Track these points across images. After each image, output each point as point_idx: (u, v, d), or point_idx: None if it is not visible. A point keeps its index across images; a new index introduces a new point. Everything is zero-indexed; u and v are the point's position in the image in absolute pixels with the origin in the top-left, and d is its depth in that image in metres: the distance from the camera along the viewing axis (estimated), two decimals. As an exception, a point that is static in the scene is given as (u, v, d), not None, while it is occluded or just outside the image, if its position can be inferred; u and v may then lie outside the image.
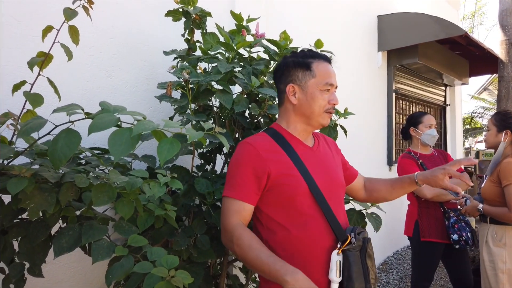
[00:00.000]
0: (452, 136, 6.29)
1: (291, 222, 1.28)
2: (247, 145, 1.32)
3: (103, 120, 0.83)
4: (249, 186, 1.27)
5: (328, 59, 1.40)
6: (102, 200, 1.00)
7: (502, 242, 2.26)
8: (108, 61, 1.95)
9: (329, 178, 1.38)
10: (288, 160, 1.31)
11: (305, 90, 1.34)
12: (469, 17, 21.49)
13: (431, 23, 4.16)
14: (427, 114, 2.84)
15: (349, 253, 1.24)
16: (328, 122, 1.37)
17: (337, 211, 1.34)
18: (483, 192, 2.39)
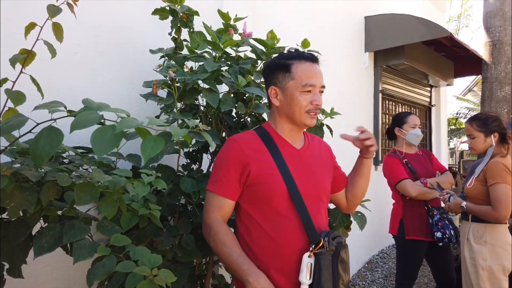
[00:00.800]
0: (437, 136, 6.38)
1: (267, 221, 1.30)
2: (233, 141, 1.35)
3: (86, 118, 0.82)
4: (231, 182, 1.31)
5: (313, 58, 1.38)
6: (85, 199, 0.99)
7: (483, 240, 2.30)
8: (93, 60, 1.93)
9: (312, 181, 1.39)
10: (271, 159, 1.33)
11: (285, 92, 1.35)
12: (455, 19, 21.80)
13: (417, 25, 4.21)
14: (411, 115, 2.88)
15: (321, 256, 1.25)
16: (312, 123, 1.36)
17: (315, 214, 1.34)
18: (467, 191, 2.43)
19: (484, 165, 2.36)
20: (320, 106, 1.36)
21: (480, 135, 2.39)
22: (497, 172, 2.25)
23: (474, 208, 2.33)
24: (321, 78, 1.36)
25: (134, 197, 1.30)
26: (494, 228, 2.30)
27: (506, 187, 2.22)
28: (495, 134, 2.35)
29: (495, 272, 2.25)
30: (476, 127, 2.40)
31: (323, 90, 1.38)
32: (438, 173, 2.82)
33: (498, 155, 2.34)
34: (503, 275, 2.26)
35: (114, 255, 1.04)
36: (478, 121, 2.41)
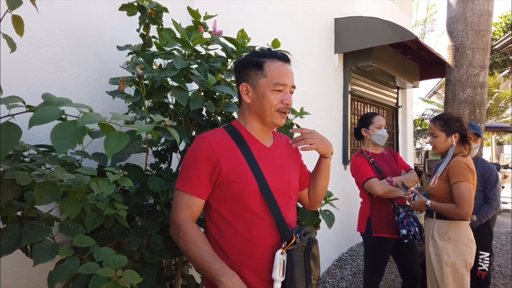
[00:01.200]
0: (404, 136, 6.57)
1: (238, 219, 1.30)
2: (202, 139, 1.33)
3: (45, 113, 0.78)
4: (201, 180, 1.29)
5: (285, 58, 1.39)
6: (46, 198, 0.95)
7: (447, 236, 2.38)
8: (57, 55, 1.86)
9: (283, 179, 1.39)
10: (242, 157, 1.32)
11: (256, 89, 1.35)
12: (421, 24, 22.56)
13: (385, 28, 4.32)
14: (377, 115, 2.95)
15: (293, 253, 1.25)
16: (282, 122, 1.37)
17: (286, 211, 1.35)
18: (431, 189, 2.51)
19: (446, 164, 2.44)
20: (290, 106, 1.36)
21: (442, 134, 2.48)
22: (459, 170, 2.34)
23: (438, 206, 2.41)
24: (292, 78, 1.38)
25: (99, 196, 1.27)
26: (457, 225, 2.38)
27: (468, 185, 2.31)
28: (455, 135, 2.45)
29: (458, 267, 2.33)
30: (438, 127, 2.49)
31: (293, 90, 1.39)
32: (404, 171, 2.91)
33: (459, 154, 2.43)
34: (465, 270, 2.35)
35: (77, 257, 1.01)
36: (441, 121, 2.50)
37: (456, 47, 4.24)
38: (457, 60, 4.23)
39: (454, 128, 2.45)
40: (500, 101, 16.05)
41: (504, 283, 3.98)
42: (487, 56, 4.20)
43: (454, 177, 2.35)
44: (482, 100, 4.16)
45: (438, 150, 2.53)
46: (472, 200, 2.31)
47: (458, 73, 4.20)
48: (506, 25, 21.73)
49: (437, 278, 2.38)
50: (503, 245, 5.49)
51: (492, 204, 2.99)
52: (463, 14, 4.18)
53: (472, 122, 3.33)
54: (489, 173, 3.07)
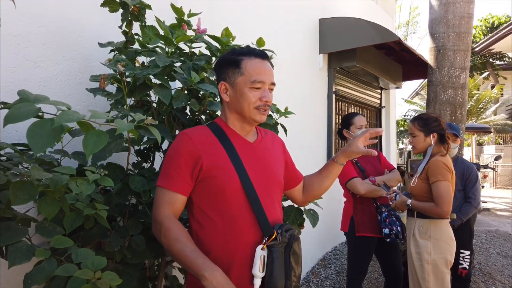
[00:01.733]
0: (387, 137, 6.65)
1: (219, 215, 1.29)
2: (184, 135, 1.33)
3: (20, 111, 0.75)
4: (182, 176, 1.28)
5: (263, 55, 1.38)
6: (22, 198, 0.92)
7: (427, 235, 2.42)
8: (36, 52, 1.81)
9: (266, 174, 1.39)
10: (224, 152, 1.32)
11: (234, 87, 1.34)
12: (404, 26, 22.89)
13: (368, 29, 4.36)
14: (357, 116, 2.96)
15: (274, 248, 1.25)
16: (262, 119, 1.36)
17: (269, 207, 1.34)
18: (412, 189, 2.55)
19: (425, 163, 2.49)
20: (269, 103, 1.36)
21: (420, 134, 2.52)
22: (438, 170, 2.38)
23: (419, 205, 2.45)
24: (271, 75, 1.37)
25: (79, 196, 1.24)
26: (437, 223, 2.42)
27: (446, 184, 2.36)
28: (434, 134, 2.50)
29: (439, 265, 2.37)
30: (417, 127, 2.54)
31: (273, 87, 1.38)
32: (387, 171, 2.93)
33: (438, 154, 2.48)
34: (446, 268, 2.39)
35: (54, 258, 0.98)
36: (420, 121, 2.55)
37: (438, 49, 4.31)
38: (438, 62, 4.30)
39: (432, 128, 2.50)
40: (480, 102, 16.40)
41: (484, 280, 4.07)
42: (467, 58, 4.28)
43: (433, 176, 2.39)
44: (463, 101, 4.24)
45: (417, 149, 2.58)
46: (451, 199, 2.35)
47: (440, 74, 4.26)
48: (486, 28, 22.24)
49: (418, 276, 2.42)
50: (483, 243, 5.61)
51: (472, 203, 3.05)
52: (444, 16, 4.25)
53: (451, 123, 3.39)
54: (468, 172, 3.13)
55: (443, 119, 2.56)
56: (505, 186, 15.03)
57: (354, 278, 2.86)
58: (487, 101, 16.56)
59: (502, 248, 5.38)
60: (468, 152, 15.97)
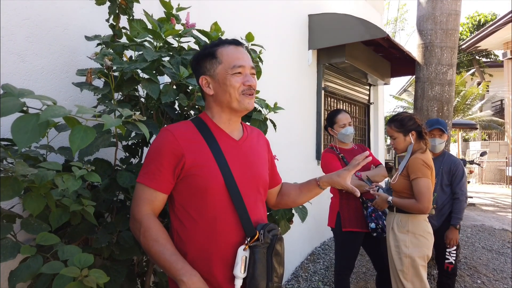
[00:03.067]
0: (375, 133, 6.70)
1: (201, 214, 1.26)
2: (167, 131, 1.29)
3: (5, 105, 0.73)
4: (163, 174, 1.25)
5: (236, 42, 1.37)
6: (6, 194, 0.90)
7: (405, 229, 2.48)
8: (21, 45, 1.77)
9: (250, 173, 1.36)
10: (208, 150, 1.28)
11: (216, 78, 1.32)
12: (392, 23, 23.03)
13: (357, 25, 4.38)
14: (340, 114, 2.98)
15: (256, 249, 1.23)
16: (250, 105, 1.33)
17: (252, 207, 1.32)
18: (393, 186, 2.59)
19: (406, 161, 2.53)
20: (254, 87, 1.33)
21: (399, 135, 2.56)
22: (417, 167, 2.43)
23: (400, 202, 2.49)
24: (248, 59, 1.35)
25: (65, 192, 1.22)
26: (415, 218, 2.48)
27: (426, 181, 2.41)
28: (412, 133, 2.54)
29: (416, 258, 2.43)
30: (395, 129, 2.58)
31: (254, 72, 1.36)
32: (373, 166, 2.96)
33: (418, 151, 2.53)
34: (423, 261, 2.46)
35: (40, 255, 0.96)
36: (396, 122, 2.58)
37: (426, 46, 4.34)
38: (426, 58, 4.33)
39: (409, 127, 2.54)
40: (467, 99, 16.64)
41: (470, 274, 4.14)
42: (454, 55, 4.32)
43: (413, 173, 2.44)
44: (449, 98, 4.28)
45: (399, 150, 2.62)
46: (430, 195, 2.41)
47: (427, 71, 4.30)
48: (472, 25, 22.52)
49: (397, 269, 2.48)
50: (469, 237, 5.71)
51: (461, 198, 3.10)
52: (432, 13, 4.28)
53: (439, 118, 3.42)
54: (455, 167, 3.17)
55: (417, 117, 2.61)
56: (490, 181, 15.32)
57: (342, 273, 2.89)
58: (473, 98, 16.81)
59: (487, 242, 5.48)
60: (454, 147, 16.20)
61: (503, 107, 16.99)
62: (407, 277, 2.43)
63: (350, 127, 2.94)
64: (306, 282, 3.86)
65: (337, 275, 2.91)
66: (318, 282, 3.86)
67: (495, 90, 18.62)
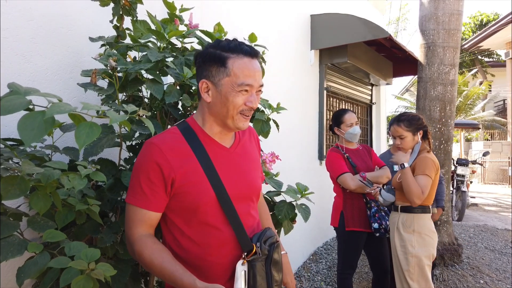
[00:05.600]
0: (377, 133, 6.70)
1: (194, 231, 1.21)
2: (152, 145, 1.18)
3: (11, 103, 0.75)
4: (154, 191, 1.16)
5: (253, 53, 1.22)
6: (13, 193, 0.91)
7: (411, 229, 2.49)
8: (25, 46, 1.79)
9: (243, 183, 1.29)
10: (197, 164, 1.20)
11: (219, 88, 1.19)
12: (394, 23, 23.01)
13: (359, 25, 4.38)
14: (347, 113, 2.99)
15: (254, 263, 1.19)
16: (245, 126, 1.25)
17: (246, 217, 1.27)
18: (397, 183, 2.60)
19: (412, 160, 2.54)
20: (254, 108, 1.23)
21: (409, 134, 2.57)
22: (426, 165, 2.45)
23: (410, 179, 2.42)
24: (259, 77, 1.23)
25: (70, 191, 1.23)
26: (420, 217, 2.50)
27: (428, 180, 2.44)
28: (420, 132, 2.55)
29: (422, 258, 2.44)
30: (404, 128, 2.58)
31: (260, 90, 1.25)
32: (377, 167, 2.96)
33: (424, 150, 2.56)
34: (428, 260, 2.48)
35: (47, 252, 0.97)
36: (405, 122, 2.59)
37: (428, 46, 4.34)
38: (428, 58, 4.32)
39: (418, 127, 2.56)
40: (469, 99, 16.61)
41: (472, 274, 4.13)
42: (457, 55, 4.32)
43: (420, 169, 2.46)
44: (452, 98, 4.27)
45: (406, 149, 2.60)
46: (425, 195, 2.43)
47: (430, 71, 4.29)
48: (475, 25, 22.48)
49: (403, 269, 2.48)
50: (471, 237, 5.70)
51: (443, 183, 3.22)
52: (434, 13, 4.28)
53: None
54: None
55: (423, 116, 2.64)
56: (492, 181, 15.27)
57: (345, 273, 2.89)
58: (475, 97, 16.78)
59: (489, 242, 5.47)
60: (456, 147, 16.16)
61: (506, 107, 16.94)
62: (413, 277, 2.44)
63: (357, 127, 2.95)
64: (308, 282, 3.86)
65: (339, 274, 2.92)
66: (320, 282, 3.86)
67: (498, 90, 18.56)
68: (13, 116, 1.26)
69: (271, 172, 1.97)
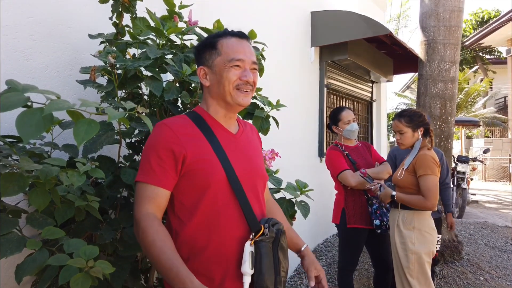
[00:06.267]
0: (378, 130, 6.69)
1: (204, 210, 1.21)
2: (163, 126, 1.23)
3: (9, 100, 0.74)
4: (164, 169, 1.18)
5: (241, 34, 1.31)
6: (12, 190, 0.91)
7: (411, 226, 2.49)
8: (24, 43, 1.79)
9: (250, 167, 1.32)
10: (207, 144, 1.24)
11: (213, 69, 1.27)
12: (395, 19, 22.96)
13: (360, 22, 4.37)
14: (344, 111, 2.98)
15: (261, 244, 1.20)
16: (245, 101, 1.28)
17: (254, 201, 1.29)
18: (398, 181, 2.60)
19: (413, 157, 2.54)
20: (251, 83, 1.27)
21: (408, 130, 2.57)
22: (427, 164, 2.44)
23: (405, 198, 2.50)
24: (250, 54, 1.29)
25: (70, 188, 1.23)
26: (420, 214, 2.50)
27: (434, 178, 2.44)
28: (421, 129, 2.55)
29: (422, 255, 2.45)
30: (404, 123, 2.58)
31: (255, 67, 1.30)
32: (377, 163, 2.96)
33: (424, 148, 2.56)
34: (428, 257, 2.48)
35: (46, 249, 0.98)
36: (406, 117, 2.59)
37: (429, 43, 4.33)
38: (429, 55, 4.32)
39: (418, 123, 2.57)
40: (470, 96, 16.57)
41: (472, 271, 4.14)
42: (457, 52, 4.31)
43: (421, 169, 2.45)
44: (452, 95, 4.27)
45: (405, 145, 2.62)
46: (437, 192, 2.44)
47: (430, 68, 4.29)
48: (476, 22, 22.41)
49: (403, 266, 2.48)
50: (471, 235, 5.70)
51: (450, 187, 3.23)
52: (435, 10, 4.27)
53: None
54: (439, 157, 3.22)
55: (425, 114, 2.63)
56: (493, 178, 15.27)
57: (345, 269, 2.89)
58: (476, 94, 16.74)
59: (490, 240, 5.47)
60: (457, 145, 16.16)
61: (507, 104, 16.92)
62: (412, 274, 2.44)
63: (355, 124, 2.95)
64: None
65: (340, 271, 2.92)
66: (320, 279, 3.86)
67: (499, 87, 18.52)
68: (12, 113, 1.27)
69: (270, 169, 1.97)
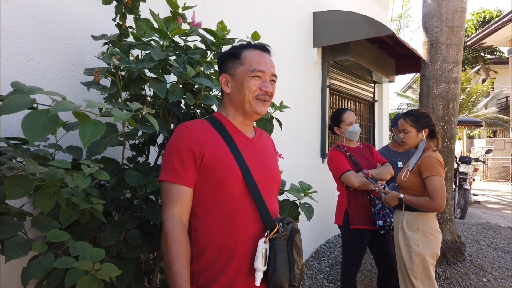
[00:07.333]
0: (380, 130, 6.68)
1: (220, 207, 1.27)
2: (184, 127, 1.32)
3: (15, 102, 0.74)
4: (186, 168, 1.26)
5: (264, 48, 1.42)
6: (17, 193, 0.91)
7: (415, 227, 2.48)
8: (28, 44, 1.78)
9: (265, 169, 1.39)
10: (225, 145, 1.31)
11: (235, 78, 1.36)
12: (397, 19, 22.94)
13: (362, 22, 4.36)
14: (346, 112, 2.99)
15: (276, 241, 1.25)
16: (263, 110, 1.37)
17: (268, 201, 1.35)
18: (402, 182, 2.58)
19: (417, 158, 2.53)
20: (270, 93, 1.36)
21: (412, 130, 2.57)
22: (432, 165, 2.43)
23: (412, 200, 2.48)
24: (271, 67, 1.39)
25: (74, 190, 1.23)
26: (425, 216, 2.49)
27: (440, 179, 2.43)
28: (425, 130, 2.54)
29: (426, 257, 2.44)
30: (409, 123, 2.58)
31: (274, 79, 1.40)
32: (379, 164, 2.96)
33: (429, 149, 2.54)
34: (432, 259, 2.47)
35: (51, 252, 0.97)
36: (411, 117, 2.59)
37: (431, 43, 4.32)
38: (431, 56, 4.30)
39: (424, 124, 2.56)
40: (472, 96, 16.54)
41: (475, 272, 4.13)
42: (460, 52, 4.29)
43: (427, 171, 2.43)
44: (455, 95, 4.25)
45: (408, 145, 2.62)
46: (444, 193, 2.42)
47: (433, 68, 4.27)
48: (477, 22, 22.38)
49: (407, 267, 2.47)
50: (474, 235, 5.68)
51: None
52: (438, 10, 4.25)
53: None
54: None
55: (432, 115, 2.62)
56: (495, 179, 15.23)
57: (348, 271, 2.89)
58: (478, 95, 16.70)
59: (492, 240, 5.46)
60: (459, 145, 16.12)
61: (508, 104, 16.89)
62: (416, 275, 2.44)
63: (357, 125, 2.95)
64: (311, 280, 3.86)
65: (343, 272, 2.92)
66: (323, 280, 3.86)
67: (500, 87, 18.49)
68: (15, 115, 1.26)
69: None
